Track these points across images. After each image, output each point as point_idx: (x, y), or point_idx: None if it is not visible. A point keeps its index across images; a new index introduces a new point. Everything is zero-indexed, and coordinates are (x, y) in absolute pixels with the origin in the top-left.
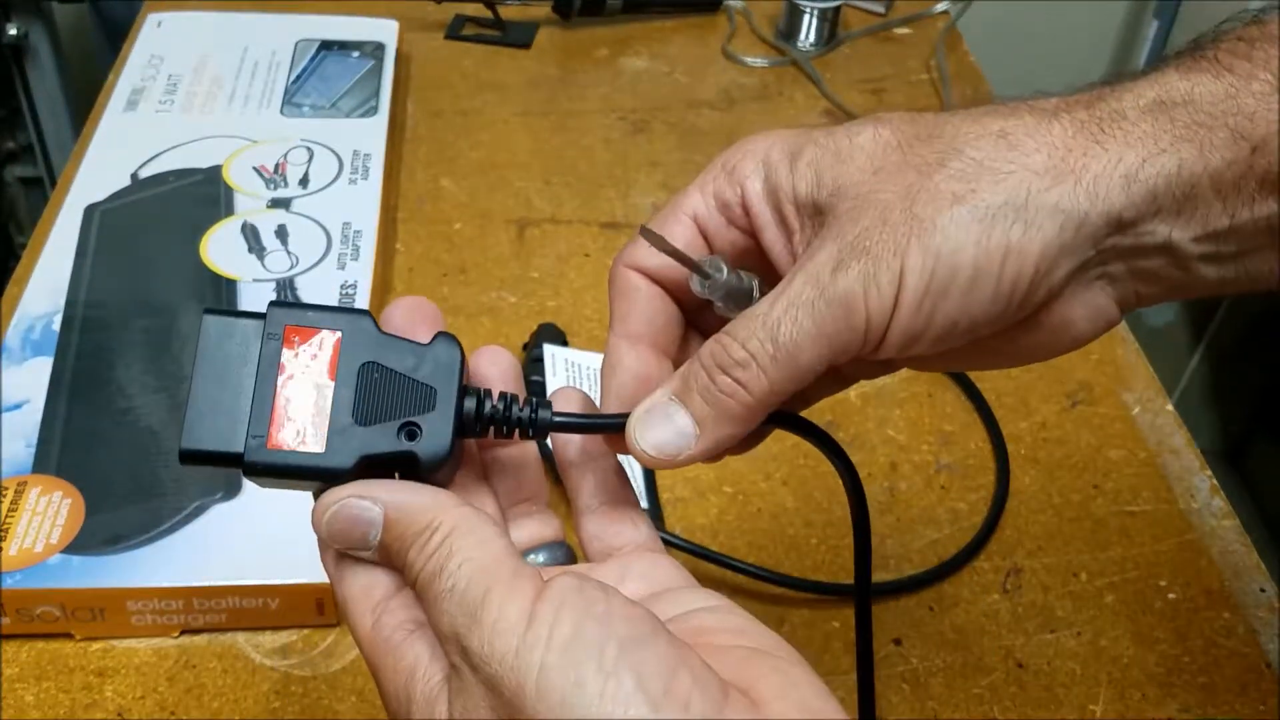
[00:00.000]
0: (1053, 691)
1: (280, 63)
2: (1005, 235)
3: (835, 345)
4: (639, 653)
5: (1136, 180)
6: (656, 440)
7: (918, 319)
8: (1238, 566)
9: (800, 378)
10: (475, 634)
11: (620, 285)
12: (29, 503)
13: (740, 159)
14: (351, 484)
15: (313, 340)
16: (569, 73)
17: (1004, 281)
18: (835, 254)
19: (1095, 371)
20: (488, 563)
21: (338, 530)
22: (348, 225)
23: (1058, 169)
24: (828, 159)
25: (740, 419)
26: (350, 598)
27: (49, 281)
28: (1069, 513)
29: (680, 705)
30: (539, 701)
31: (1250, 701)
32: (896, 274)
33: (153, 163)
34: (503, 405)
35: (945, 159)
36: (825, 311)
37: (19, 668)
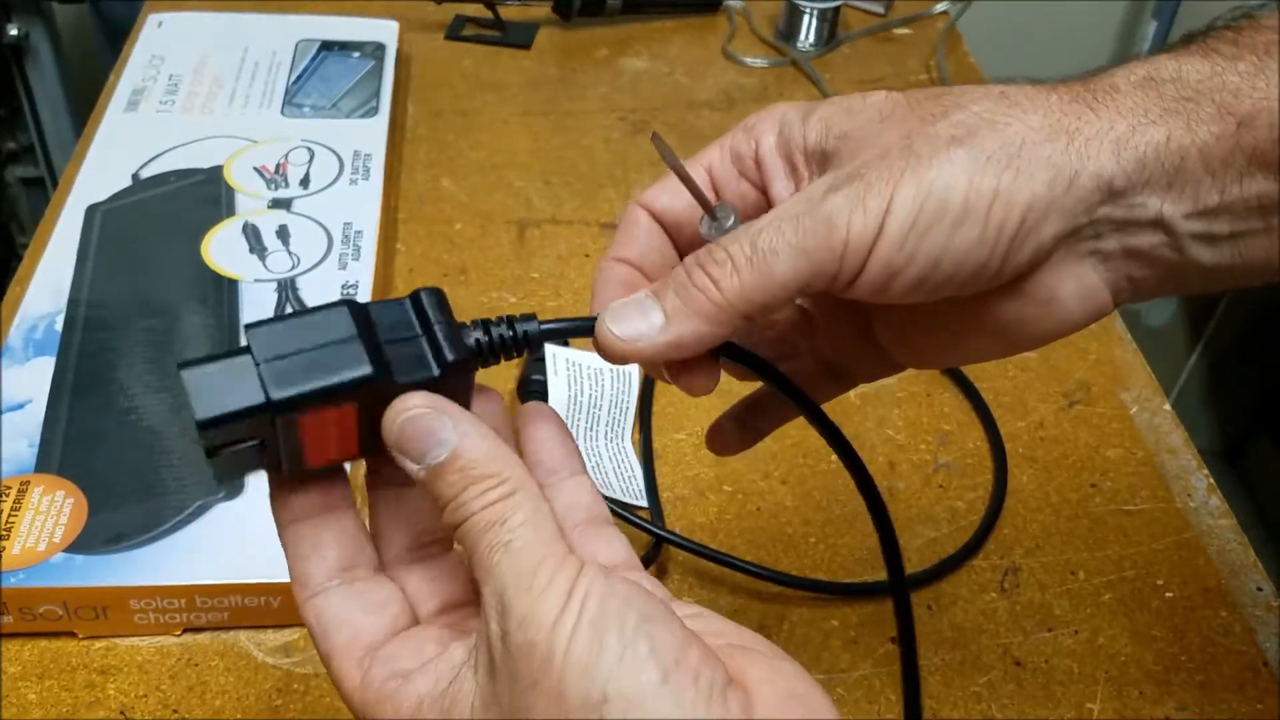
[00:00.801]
0: (1050, 690)
1: (281, 63)
2: (996, 178)
3: (812, 261)
4: (654, 627)
5: (1127, 147)
6: (624, 329)
7: (900, 252)
8: (1235, 565)
9: (772, 289)
10: (523, 597)
11: (627, 218)
12: (31, 502)
13: (760, 119)
14: (434, 397)
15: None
16: (569, 73)
17: (990, 224)
18: (830, 180)
19: (1093, 371)
20: (546, 534)
21: (408, 435)
22: (348, 225)
23: (1053, 127)
24: (839, 113)
25: (708, 316)
26: (335, 651)
27: (51, 281)
28: (1067, 512)
29: (690, 676)
30: (565, 668)
31: (1247, 700)
32: (885, 201)
33: (154, 163)
34: (494, 326)
35: (948, 111)
36: (808, 225)
37: (22, 666)
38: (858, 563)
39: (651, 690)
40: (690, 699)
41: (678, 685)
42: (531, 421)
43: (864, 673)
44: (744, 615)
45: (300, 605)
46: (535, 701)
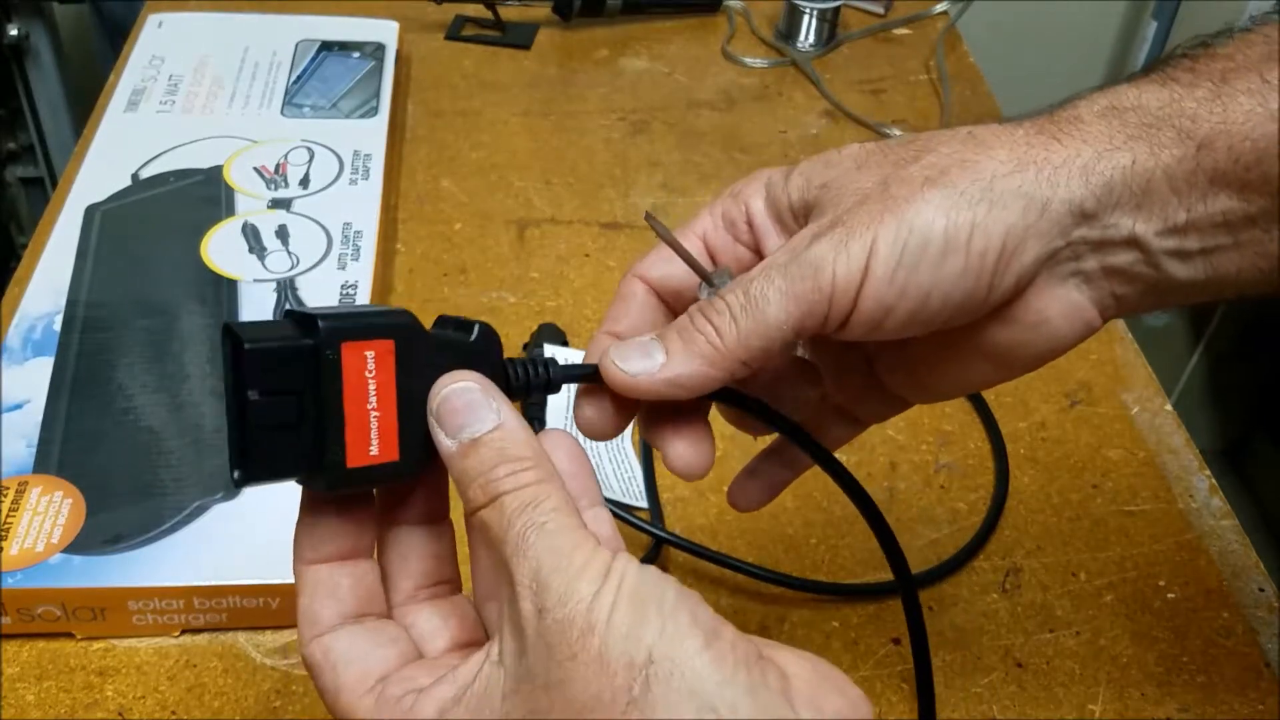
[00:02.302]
0: (1052, 691)
1: (281, 63)
2: (971, 211)
3: (801, 305)
4: (692, 603)
5: (1094, 172)
6: (629, 365)
7: (890, 289)
8: (1236, 566)
9: (768, 333)
10: (560, 574)
11: (622, 291)
12: (30, 502)
13: (746, 184)
14: (485, 380)
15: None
16: (569, 73)
17: (972, 254)
18: (814, 229)
19: (1094, 371)
20: (576, 524)
21: (451, 407)
22: (348, 225)
23: (1019, 160)
24: (818, 167)
25: (707, 358)
26: (343, 686)
27: (50, 281)
28: (1068, 512)
29: (727, 645)
30: (607, 635)
31: (1249, 701)
32: (868, 244)
33: (153, 163)
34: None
35: (919, 155)
36: (795, 272)
37: (20, 667)
38: (858, 564)
39: (695, 653)
40: (731, 664)
41: (720, 651)
42: (552, 449)
43: (865, 674)
44: (744, 616)
45: (305, 642)
46: (574, 671)
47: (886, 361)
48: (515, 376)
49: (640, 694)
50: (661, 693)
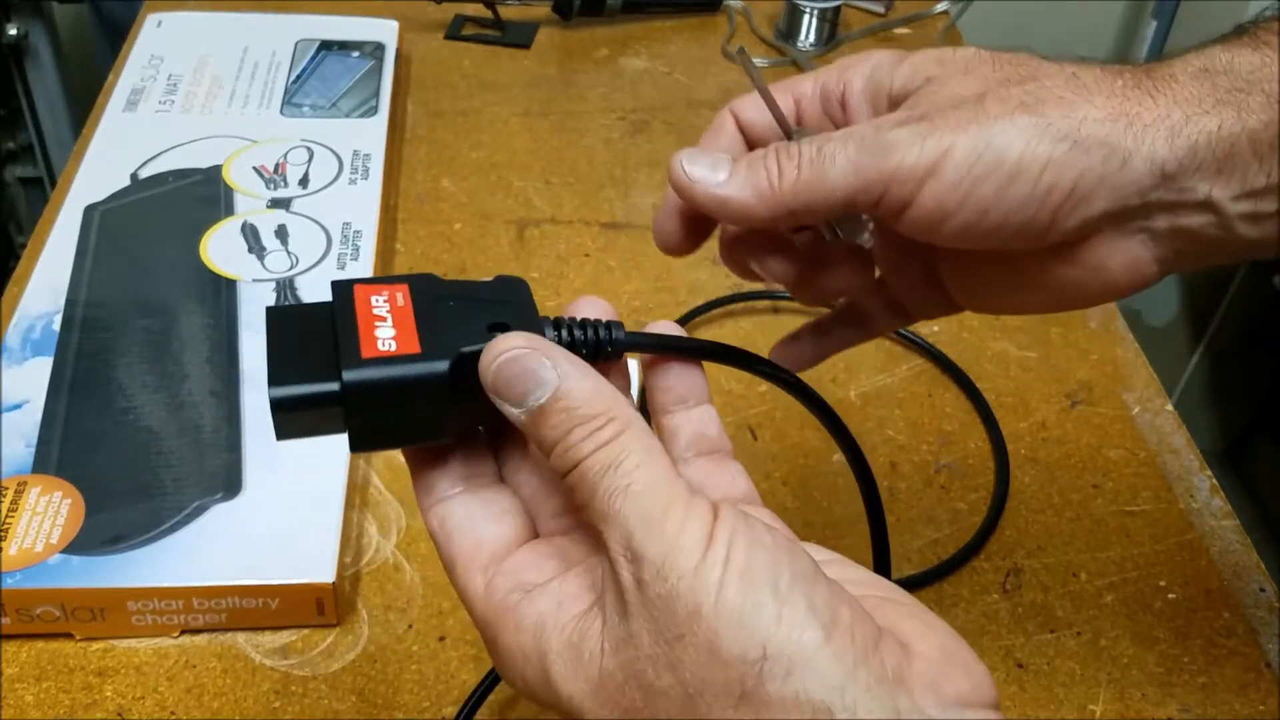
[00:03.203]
0: (1052, 691)
1: (280, 63)
2: (1052, 146)
3: (862, 178)
4: (808, 584)
5: (1180, 135)
6: (692, 169)
7: (952, 194)
8: (1237, 566)
9: (822, 191)
10: (655, 543)
11: (716, 123)
12: (29, 502)
13: (854, 61)
14: (532, 337)
15: (382, 290)
16: (569, 73)
17: (1039, 186)
18: (903, 114)
19: (1095, 371)
20: (665, 474)
21: (506, 377)
22: (348, 225)
23: (1114, 110)
24: (930, 61)
25: (760, 194)
26: (457, 557)
27: (49, 281)
28: (1069, 513)
29: (846, 633)
30: (718, 620)
31: (1250, 701)
32: (945, 145)
33: (153, 163)
34: (577, 326)
35: (1024, 80)
36: (869, 145)
37: (19, 667)
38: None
39: (814, 649)
40: (851, 657)
41: (840, 644)
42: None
43: None
44: None
45: (424, 512)
46: (684, 654)
47: (949, 265)
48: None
49: (754, 688)
50: (775, 691)
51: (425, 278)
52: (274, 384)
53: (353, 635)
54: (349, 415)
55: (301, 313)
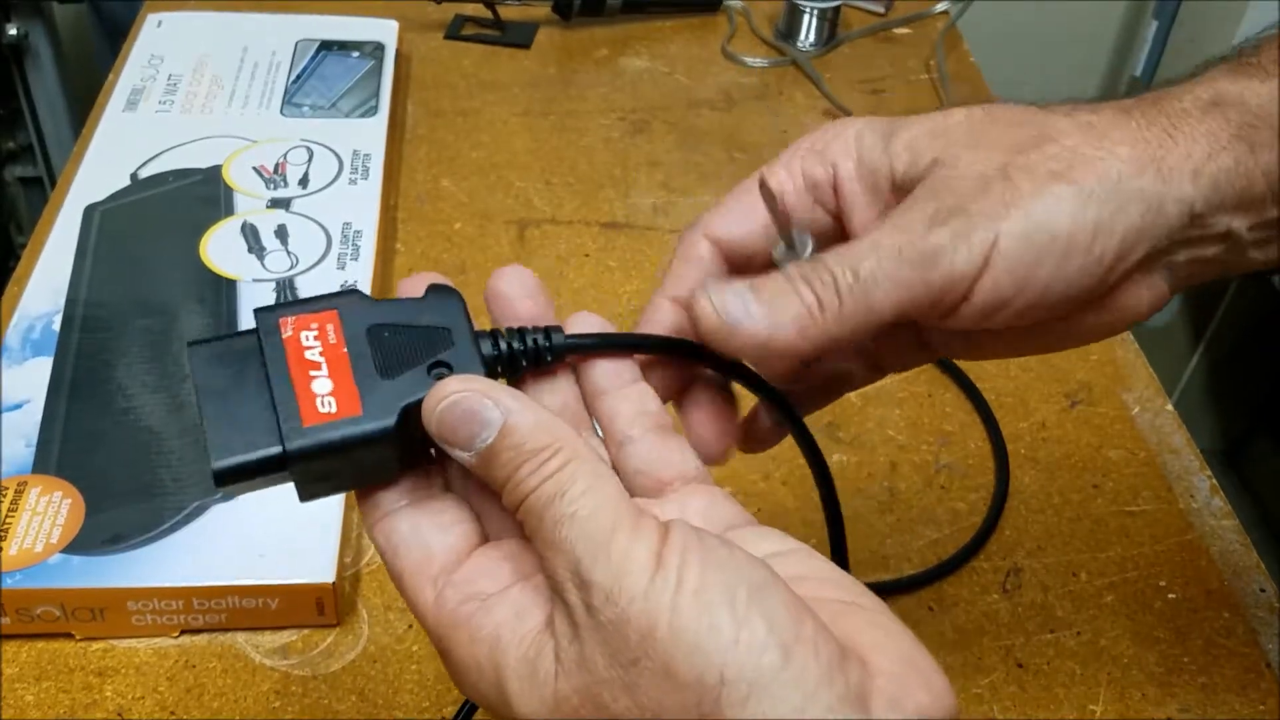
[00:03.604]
0: (1052, 691)
1: (280, 63)
2: (1097, 211)
3: (912, 294)
4: (766, 600)
5: (1203, 174)
6: (722, 299)
7: (1009, 283)
8: (1237, 566)
9: (871, 317)
10: (601, 568)
11: (689, 251)
12: (29, 502)
13: (830, 140)
14: (472, 379)
15: (310, 325)
16: (569, 73)
17: (1093, 255)
18: (931, 212)
19: (1095, 372)
20: (611, 498)
21: (450, 421)
22: (348, 225)
23: (1140, 159)
24: (923, 137)
25: (804, 331)
26: (405, 570)
27: (49, 281)
28: (1069, 513)
29: (809, 652)
30: (672, 644)
31: (1250, 701)
32: (992, 237)
33: (152, 163)
34: (515, 337)
35: (1041, 143)
36: (911, 257)
37: (19, 667)
38: (858, 564)
39: (773, 673)
40: (814, 679)
41: (800, 665)
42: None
43: None
44: None
45: (370, 527)
46: (640, 678)
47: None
48: (497, 348)
49: (711, 713)
50: (734, 716)
51: (353, 298)
52: (216, 454)
53: (353, 635)
54: (296, 477)
55: (228, 350)
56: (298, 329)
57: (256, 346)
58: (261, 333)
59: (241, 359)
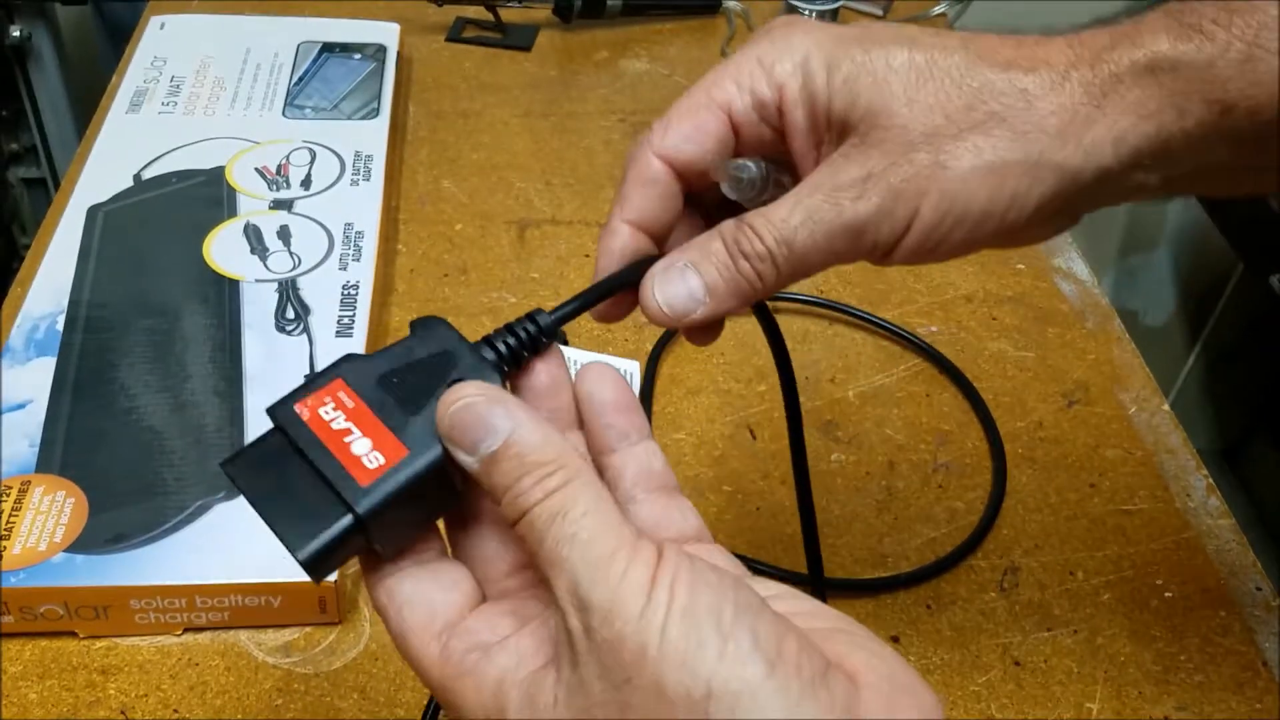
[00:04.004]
0: (1049, 689)
1: (282, 65)
2: (1014, 188)
3: (841, 257)
4: (752, 618)
5: (1124, 143)
6: (669, 296)
7: (925, 247)
8: (1234, 565)
9: (805, 274)
10: (600, 590)
11: (644, 174)
12: (32, 502)
13: (778, 58)
14: (487, 385)
15: (326, 400)
16: (569, 75)
17: (1003, 224)
18: (860, 178)
19: (1092, 371)
20: (611, 522)
21: (460, 423)
22: (349, 226)
23: (1065, 131)
24: (865, 79)
25: (746, 299)
26: (410, 629)
27: (52, 282)
28: (1066, 511)
29: (793, 666)
30: (662, 662)
31: (1246, 699)
32: (912, 212)
33: (156, 164)
34: (507, 334)
35: (973, 108)
36: (839, 232)
37: (22, 666)
38: (856, 562)
39: (757, 685)
40: (796, 690)
41: (783, 678)
42: (595, 383)
43: None
44: None
45: (371, 587)
46: (632, 697)
47: None
48: (497, 351)
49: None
50: None
51: (350, 362)
52: (297, 548)
53: (355, 633)
54: (376, 536)
55: (261, 455)
56: (314, 408)
57: (284, 441)
58: (284, 426)
59: (276, 458)
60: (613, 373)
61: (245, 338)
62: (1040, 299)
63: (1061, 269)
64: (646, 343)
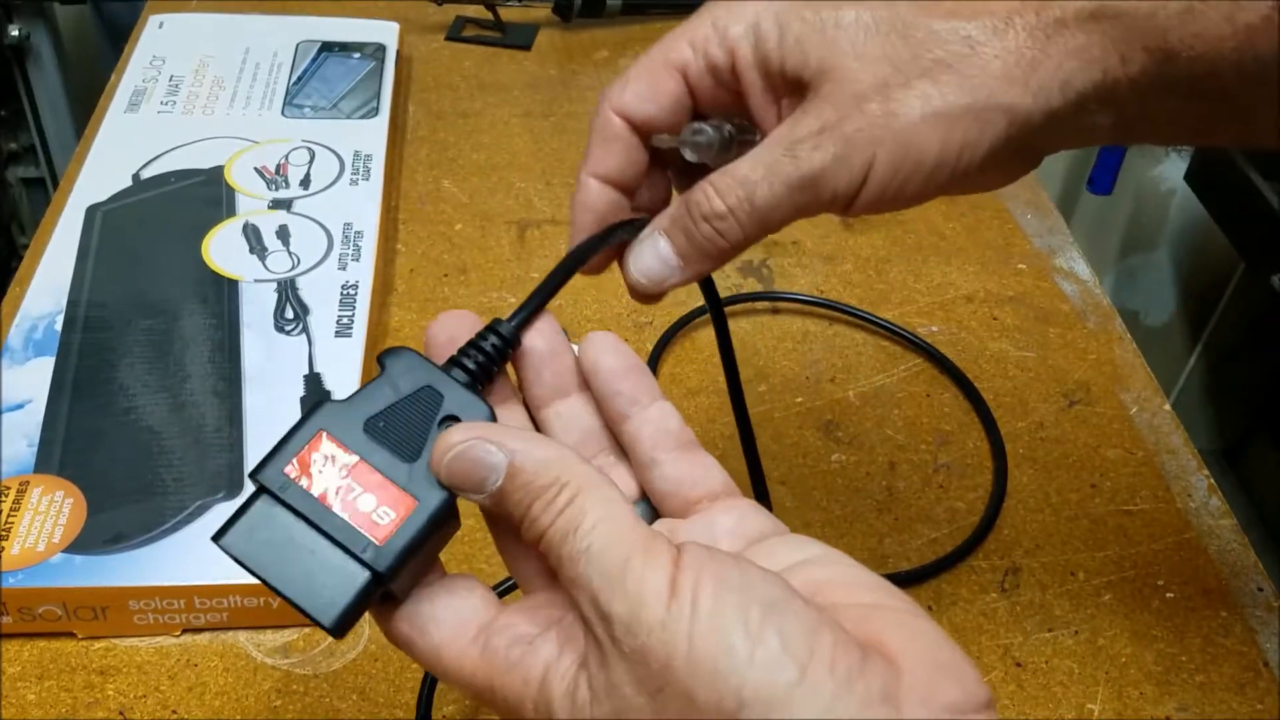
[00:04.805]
0: (1051, 690)
1: (281, 64)
2: (965, 134)
3: (802, 210)
4: (780, 617)
5: (1071, 86)
6: (645, 267)
7: (882, 197)
8: (1235, 565)
9: (771, 229)
10: (619, 602)
11: (605, 130)
12: (31, 502)
13: (731, 23)
14: (475, 426)
15: (314, 456)
16: (569, 74)
17: (958, 169)
18: (815, 130)
19: (1093, 371)
20: (622, 528)
21: (458, 471)
22: (349, 226)
23: (1012, 75)
24: (814, 37)
25: (717, 258)
26: (442, 644)
27: (51, 282)
28: (1067, 512)
29: (825, 664)
30: (691, 673)
31: (1248, 700)
32: (868, 161)
33: (154, 163)
34: (472, 351)
35: (919, 56)
36: (797, 184)
37: (21, 667)
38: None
39: (788, 689)
40: (830, 691)
41: (816, 680)
42: (598, 353)
43: None
44: None
45: (388, 623)
46: (665, 705)
47: None
48: (469, 372)
49: None
50: None
51: (325, 410)
52: (324, 616)
53: (354, 634)
54: (396, 586)
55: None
56: (303, 468)
57: (274, 506)
58: (276, 491)
59: (271, 524)
60: (613, 339)
61: (244, 338)
62: (1041, 299)
63: (1063, 269)
64: (647, 343)
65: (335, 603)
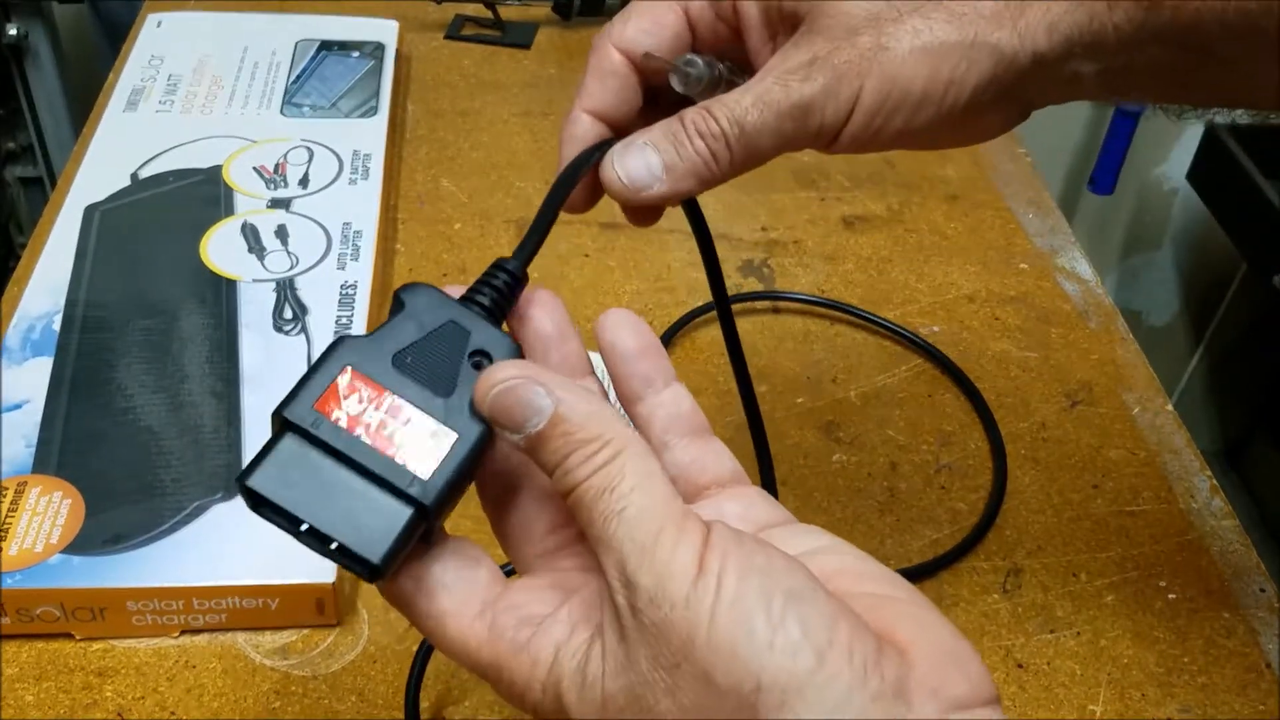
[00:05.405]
0: (1052, 691)
1: (280, 63)
2: (952, 70)
3: (791, 140)
4: (802, 605)
5: (1057, 30)
6: (630, 168)
7: (868, 131)
8: (1237, 566)
9: (758, 158)
10: (647, 571)
11: (603, 64)
12: (29, 502)
13: None
14: (524, 364)
15: (343, 392)
16: (569, 73)
17: (944, 105)
18: (806, 62)
19: (1095, 372)
20: (659, 497)
21: (502, 407)
22: (348, 225)
23: (1000, 15)
24: None
25: (701, 179)
26: (448, 613)
27: (49, 281)
28: (1069, 513)
29: (844, 654)
30: (711, 652)
31: (1250, 701)
32: (855, 92)
33: (153, 163)
34: (486, 289)
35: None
36: (787, 112)
37: (19, 668)
38: None
39: (807, 676)
40: (846, 681)
41: (834, 668)
42: (615, 331)
43: None
44: None
45: (390, 582)
46: (681, 682)
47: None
48: (486, 309)
49: (749, 718)
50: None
51: (347, 346)
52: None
53: (353, 635)
54: (434, 525)
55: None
56: (334, 404)
57: (306, 443)
58: (307, 427)
59: (302, 463)
60: (631, 317)
61: (242, 337)
62: (1043, 299)
63: (1064, 269)
64: None
65: (381, 540)
